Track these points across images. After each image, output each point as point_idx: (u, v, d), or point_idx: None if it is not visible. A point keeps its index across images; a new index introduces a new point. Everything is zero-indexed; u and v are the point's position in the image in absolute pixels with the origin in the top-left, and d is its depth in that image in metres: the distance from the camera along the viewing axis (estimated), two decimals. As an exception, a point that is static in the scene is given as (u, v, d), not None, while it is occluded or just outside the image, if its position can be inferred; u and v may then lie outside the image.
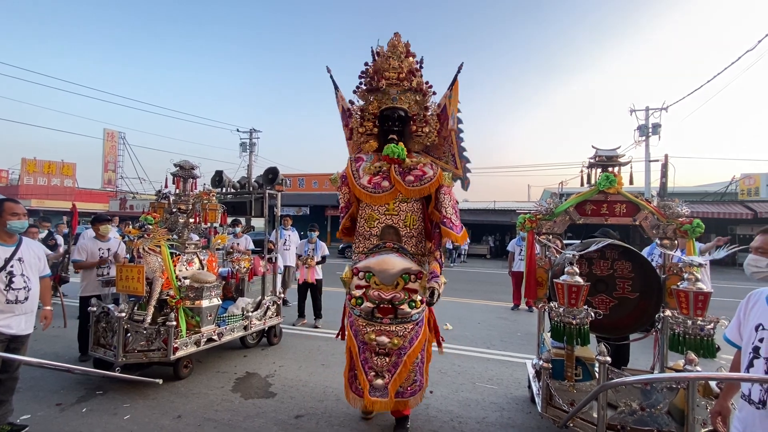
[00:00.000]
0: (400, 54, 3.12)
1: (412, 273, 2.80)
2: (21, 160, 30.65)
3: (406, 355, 2.79)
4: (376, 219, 3.04)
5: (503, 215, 22.89)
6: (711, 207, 18.89)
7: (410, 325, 2.79)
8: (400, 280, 2.78)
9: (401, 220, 3.01)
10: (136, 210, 27.80)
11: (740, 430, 1.68)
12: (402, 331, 2.77)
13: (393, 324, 2.76)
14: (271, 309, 5.23)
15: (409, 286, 2.80)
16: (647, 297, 3.19)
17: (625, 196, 3.14)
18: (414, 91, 3.15)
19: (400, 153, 2.97)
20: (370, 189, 3.03)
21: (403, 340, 2.77)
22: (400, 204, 3.02)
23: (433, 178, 3.01)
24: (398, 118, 3.11)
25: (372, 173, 3.08)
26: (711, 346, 2.55)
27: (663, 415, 2.55)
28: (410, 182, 2.99)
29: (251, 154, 26.97)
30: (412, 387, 2.92)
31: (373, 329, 2.79)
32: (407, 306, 2.75)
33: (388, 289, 2.78)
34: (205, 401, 3.64)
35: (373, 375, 2.83)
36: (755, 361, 1.64)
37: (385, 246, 2.90)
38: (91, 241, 4.71)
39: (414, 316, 2.80)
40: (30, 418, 3.24)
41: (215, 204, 4.77)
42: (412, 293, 2.79)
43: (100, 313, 4.05)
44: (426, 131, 3.18)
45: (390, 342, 2.75)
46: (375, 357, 2.82)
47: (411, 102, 3.17)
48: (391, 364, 2.80)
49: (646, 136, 18.88)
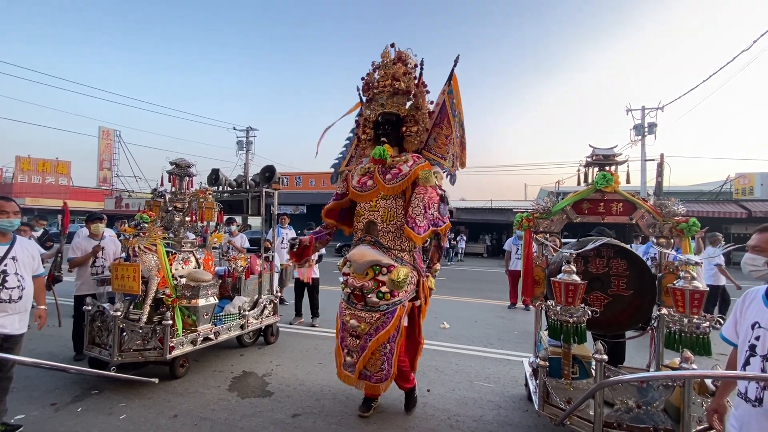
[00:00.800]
0: (386, 63, 3.33)
1: (383, 265, 3.03)
2: (15, 158, 30.38)
3: (371, 340, 3.03)
4: (362, 215, 3.29)
5: (500, 214, 22.96)
6: (706, 206, 19.02)
7: (377, 314, 3.03)
8: (370, 270, 3.04)
9: (380, 215, 3.20)
10: (132, 208, 27.64)
11: (736, 427, 1.69)
12: (369, 318, 3.04)
13: (363, 310, 3.07)
14: (267, 308, 5.21)
15: (378, 277, 3.03)
16: (641, 294, 3.21)
17: (621, 195, 3.15)
18: (402, 93, 3.32)
19: (382, 153, 3.17)
20: (358, 188, 3.32)
21: (370, 327, 3.03)
22: (380, 201, 3.21)
23: (408, 174, 3.16)
24: (386, 122, 3.32)
25: (361, 174, 3.36)
26: (707, 344, 2.56)
27: (659, 412, 2.56)
28: (388, 180, 3.19)
29: (248, 152, 26.86)
30: (378, 374, 3.12)
31: (349, 312, 3.13)
32: (375, 296, 3.02)
33: (359, 277, 3.08)
34: (201, 400, 3.62)
35: (346, 352, 3.18)
36: (751, 359, 1.65)
37: (365, 239, 3.19)
38: (85, 240, 4.67)
39: (381, 307, 3.03)
40: (24, 418, 3.22)
41: (212, 202, 4.75)
42: (380, 285, 3.02)
43: (95, 312, 4.02)
44: (414, 130, 3.33)
45: (359, 326, 3.06)
46: (349, 337, 3.14)
47: (400, 105, 3.35)
48: (359, 346, 3.10)
49: (642, 135, 18.97)
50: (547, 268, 3.30)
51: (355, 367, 3.13)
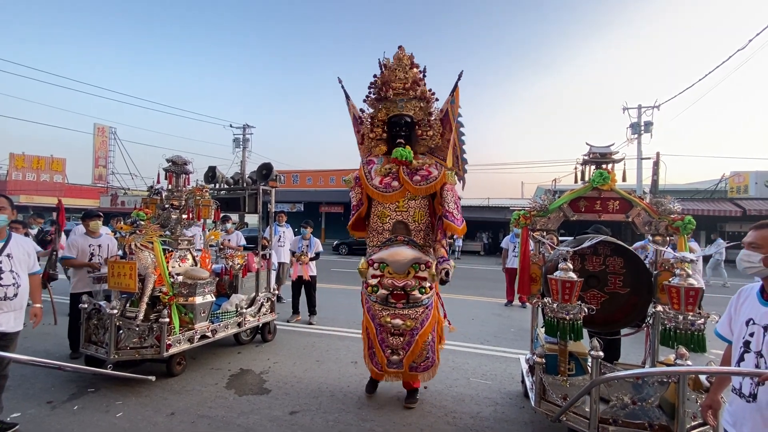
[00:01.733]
0: (405, 66, 3.43)
1: (422, 262, 3.20)
2: (9, 155, 30.11)
3: (419, 334, 3.22)
4: (388, 215, 3.39)
5: (497, 212, 22.99)
6: (701, 204, 19.14)
7: (421, 308, 3.22)
8: (411, 269, 3.19)
9: (410, 215, 3.36)
10: (128, 206, 27.49)
11: (731, 423, 1.71)
12: (414, 314, 3.20)
13: (406, 308, 3.19)
14: (265, 305, 5.20)
15: (419, 274, 3.20)
16: (638, 292, 3.23)
17: (618, 193, 3.17)
18: (418, 99, 3.46)
19: (408, 155, 3.30)
20: (382, 189, 3.38)
21: (415, 322, 3.20)
22: (409, 201, 3.36)
23: (438, 177, 3.35)
24: (405, 124, 3.43)
25: (383, 174, 3.41)
26: (702, 340, 2.59)
27: (654, 408, 2.59)
28: (417, 182, 3.32)
29: (245, 150, 26.75)
30: (425, 363, 3.36)
31: (388, 313, 3.22)
32: (418, 292, 3.18)
33: (400, 277, 3.20)
34: (198, 398, 3.62)
35: (390, 352, 3.30)
36: (746, 355, 1.67)
37: (397, 239, 3.30)
38: (81, 238, 4.64)
39: (424, 301, 3.21)
40: (20, 417, 3.20)
41: (208, 200, 4.73)
42: (422, 280, 3.19)
43: (92, 309, 4.00)
44: (430, 134, 3.49)
45: (404, 324, 3.18)
46: (391, 337, 3.26)
47: (416, 109, 3.47)
48: (405, 342, 3.24)
49: (638, 133, 19.05)
50: (544, 266, 3.32)
51: (403, 363, 3.28)
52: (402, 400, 3.57)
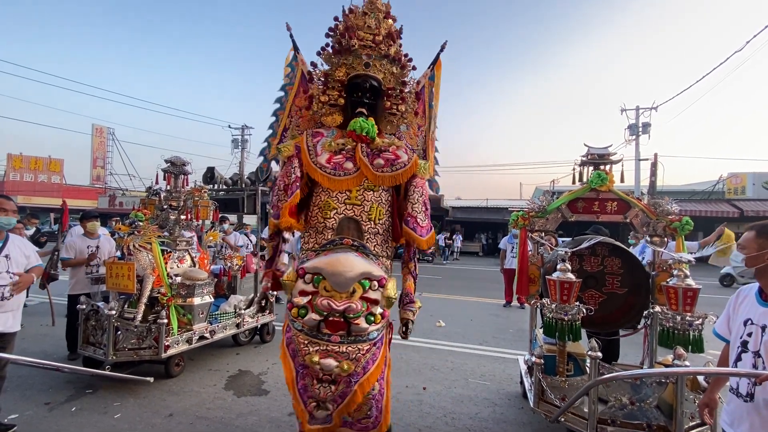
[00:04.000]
0: (378, 13, 2.53)
1: (374, 278, 2.13)
2: (6, 156, 30.01)
3: (358, 383, 2.09)
4: (334, 208, 2.39)
5: (495, 213, 23.05)
6: (699, 205, 19.22)
7: (366, 345, 2.09)
8: (358, 286, 2.10)
9: (365, 211, 2.37)
10: (126, 207, 27.42)
11: (728, 422, 1.72)
12: (354, 353, 2.06)
13: (344, 343, 2.06)
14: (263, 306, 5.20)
15: (368, 294, 2.10)
16: (635, 292, 3.25)
17: (616, 194, 3.18)
18: (392, 60, 2.58)
19: (370, 130, 2.42)
20: (329, 170, 2.41)
21: (356, 365, 2.07)
22: (365, 192, 2.40)
23: (408, 164, 2.46)
24: (370, 88, 2.51)
25: (332, 151, 2.46)
26: (699, 341, 2.60)
27: (652, 409, 2.60)
28: (379, 166, 2.41)
29: (243, 150, 26.72)
30: (365, 421, 2.24)
31: (317, 349, 2.06)
32: (364, 320, 2.06)
33: (341, 297, 2.08)
34: (197, 399, 3.61)
35: (314, 405, 2.15)
36: (743, 355, 1.68)
37: (342, 243, 2.25)
38: (79, 239, 4.64)
39: (372, 334, 2.11)
40: (18, 418, 3.19)
41: (207, 201, 4.73)
42: (372, 304, 2.09)
43: (90, 310, 4.00)
44: (402, 110, 2.63)
45: (338, 366, 2.04)
46: (317, 384, 2.09)
47: (387, 72, 2.58)
48: (338, 393, 2.10)
49: (636, 135, 19.11)
50: (543, 267, 3.33)
51: (332, 417, 2.18)
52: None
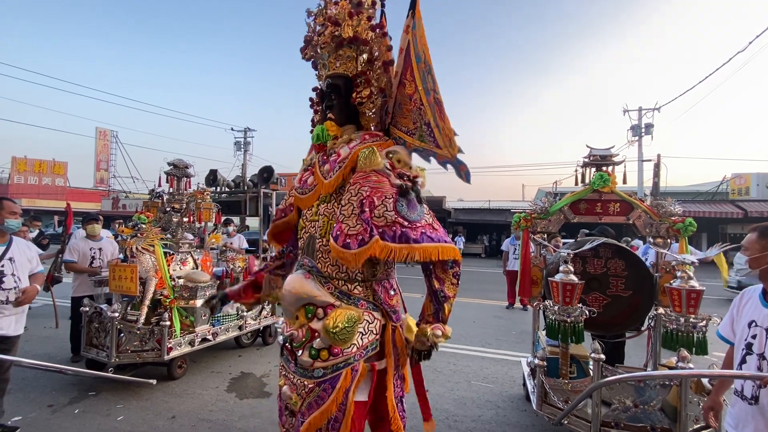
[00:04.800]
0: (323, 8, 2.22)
1: (318, 305, 1.89)
2: (11, 159, 30.19)
3: (307, 421, 1.83)
4: (303, 227, 2.19)
5: (498, 214, 23.00)
6: (702, 206, 19.11)
7: (310, 383, 1.83)
8: (301, 313, 1.92)
9: (319, 227, 2.06)
10: (129, 209, 27.54)
11: (732, 425, 1.71)
12: (300, 388, 1.86)
13: (296, 374, 1.90)
14: (266, 309, 5.20)
15: (313, 323, 1.87)
16: (639, 295, 3.23)
17: (618, 195, 3.17)
18: (349, 42, 2.18)
19: (320, 135, 2.16)
20: (299, 189, 2.26)
21: (301, 402, 1.85)
22: (321, 205, 2.11)
23: (347, 159, 2.04)
24: (332, 88, 2.22)
25: (304, 169, 2.33)
26: (703, 343, 2.58)
27: (656, 411, 2.58)
28: (326, 173, 2.11)
29: (246, 153, 26.81)
30: None
31: (284, 374, 2.00)
32: (307, 353, 1.84)
33: (290, 322, 1.98)
34: (199, 401, 3.62)
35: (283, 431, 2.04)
36: (747, 357, 1.66)
37: (303, 263, 2.08)
38: (82, 241, 4.66)
39: (317, 372, 1.82)
40: (21, 420, 3.20)
41: (209, 203, 4.75)
42: (315, 335, 1.85)
43: (93, 313, 4.01)
44: (365, 95, 2.18)
45: (290, 397, 1.91)
46: (285, 411, 2.02)
47: (347, 60, 2.22)
48: (294, 428, 1.92)
49: (638, 136, 19.06)
50: (545, 268, 3.31)
51: None
52: None
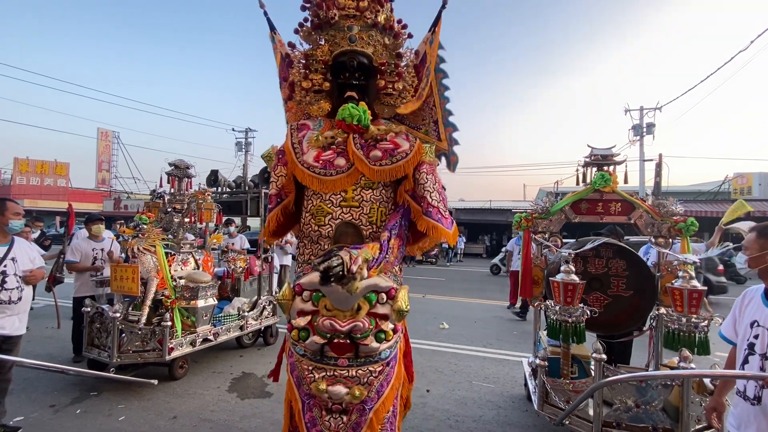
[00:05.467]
0: None
1: (381, 290, 1.89)
2: (13, 160, 30.31)
3: (373, 410, 1.90)
4: (328, 213, 2.12)
5: (499, 214, 23.01)
6: (704, 206, 19.08)
7: (378, 366, 1.89)
8: (364, 302, 1.86)
9: (364, 214, 2.08)
10: (131, 210, 27.59)
11: (735, 426, 1.70)
12: (366, 377, 1.87)
13: (353, 367, 1.86)
14: (267, 309, 5.20)
15: (377, 310, 1.89)
16: (641, 294, 3.22)
17: (620, 195, 3.16)
18: (382, 29, 2.22)
19: (362, 117, 2.11)
20: (319, 170, 2.12)
21: (369, 389, 1.88)
22: (363, 191, 2.10)
23: (410, 152, 2.12)
24: (359, 66, 2.19)
25: (321, 146, 2.18)
26: (705, 343, 2.58)
27: (658, 411, 2.57)
28: (377, 159, 2.10)
29: (247, 153, 26.82)
30: None
31: (323, 375, 1.87)
32: (374, 339, 1.85)
33: (344, 315, 1.86)
34: (201, 402, 3.62)
35: None
36: (750, 357, 1.66)
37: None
38: (84, 242, 4.67)
39: (383, 353, 1.90)
40: (23, 420, 3.21)
41: (210, 203, 4.75)
42: (381, 320, 1.89)
43: (95, 313, 4.02)
44: (399, 88, 2.25)
45: (349, 393, 1.85)
46: (326, 416, 1.91)
47: (377, 44, 2.24)
48: (351, 425, 1.90)
49: (640, 135, 19.02)
50: (546, 268, 3.31)
51: None
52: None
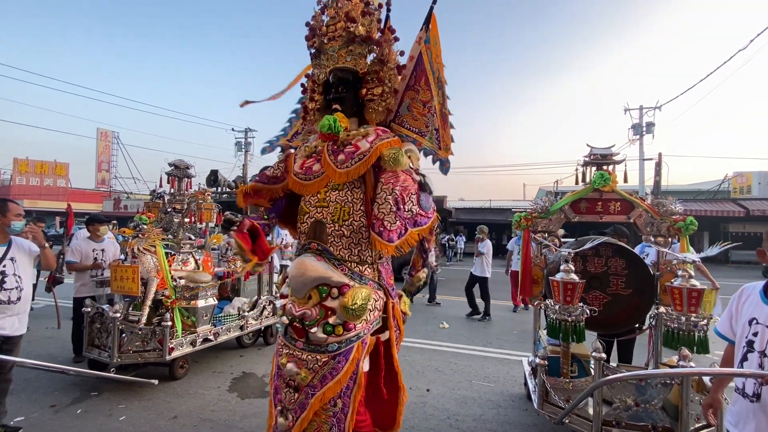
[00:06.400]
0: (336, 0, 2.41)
1: (332, 285, 2.11)
2: (13, 160, 30.33)
3: (315, 397, 2.09)
4: (306, 212, 2.37)
5: (499, 214, 23.03)
6: (704, 205, 19.10)
7: (324, 356, 2.10)
8: (314, 292, 2.12)
9: (330, 213, 2.29)
10: (131, 210, 27.59)
11: (733, 423, 1.70)
12: (312, 363, 2.09)
13: (305, 351, 2.13)
14: (267, 308, 5.21)
15: (326, 302, 2.11)
16: (640, 293, 3.23)
17: (619, 194, 3.17)
18: (360, 41, 2.41)
19: (332, 125, 2.30)
20: (302, 175, 2.39)
21: (313, 375, 2.09)
22: (330, 193, 2.31)
23: (368, 153, 2.24)
24: (340, 81, 2.42)
25: (306, 155, 2.45)
26: (705, 341, 2.58)
27: (657, 410, 2.58)
28: (340, 162, 2.28)
29: (246, 153, 26.82)
30: None
31: (286, 352, 2.20)
32: (320, 330, 2.08)
33: (300, 302, 2.16)
34: (201, 401, 3.62)
35: (279, 410, 2.20)
36: (749, 354, 1.66)
37: (309, 247, 2.29)
38: (84, 242, 4.67)
39: (330, 346, 2.10)
40: (24, 420, 3.22)
41: (210, 203, 4.76)
42: (329, 313, 2.10)
43: (95, 313, 4.02)
44: (377, 93, 2.41)
45: (297, 373, 2.11)
46: (285, 388, 2.19)
47: (357, 56, 2.44)
48: (298, 403, 2.13)
49: (639, 134, 19.03)
50: (546, 268, 3.31)
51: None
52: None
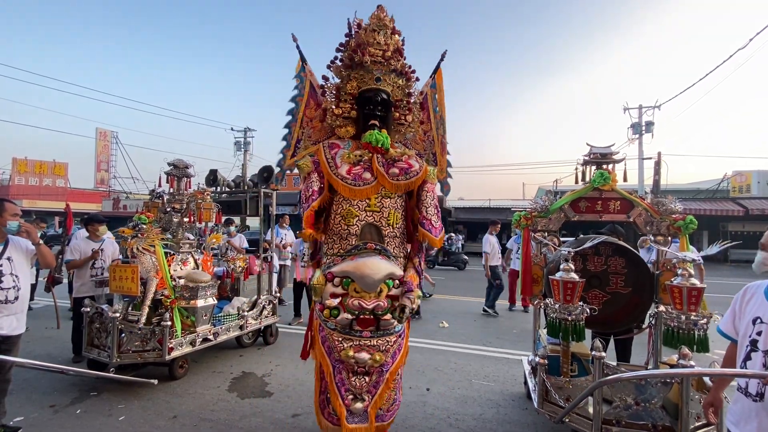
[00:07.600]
0: (387, 29, 2.74)
1: (396, 278, 2.51)
2: (12, 160, 30.20)
3: (388, 371, 2.55)
4: (356, 216, 2.64)
5: (498, 213, 22.98)
6: (703, 204, 19.09)
7: (393, 337, 2.53)
8: (384, 286, 2.47)
9: (384, 217, 2.65)
10: (130, 210, 27.54)
11: (733, 422, 1.70)
12: (384, 345, 2.50)
13: (374, 337, 2.48)
14: (267, 308, 5.20)
15: (392, 292, 2.50)
16: (639, 292, 3.23)
17: (619, 193, 3.17)
18: (398, 73, 2.81)
19: (385, 141, 2.64)
20: (350, 181, 2.63)
21: (386, 355, 2.51)
22: (383, 199, 2.66)
23: (419, 172, 2.71)
24: (382, 101, 2.75)
25: (351, 162, 2.68)
26: (705, 340, 2.58)
27: (657, 409, 2.58)
28: (395, 175, 2.64)
29: (246, 152, 26.79)
30: (392, 408, 2.72)
31: (351, 344, 2.47)
32: (391, 315, 2.46)
33: (369, 297, 2.45)
34: (201, 401, 3.62)
35: (351, 398, 2.54)
36: (753, 354, 1.65)
37: (366, 247, 2.57)
38: (83, 242, 4.65)
39: (397, 327, 2.54)
40: (23, 420, 3.21)
41: (210, 203, 4.74)
42: (395, 300, 2.50)
43: (94, 313, 4.01)
44: (409, 120, 2.90)
45: (371, 358, 2.46)
46: (353, 377, 2.53)
47: (394, 85, 2.82)
48: (372, 383, 2.53)
49: (639, 134, 19.03)
50: (546, 267, 3.31)
51: (368, 413, 2.54)
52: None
